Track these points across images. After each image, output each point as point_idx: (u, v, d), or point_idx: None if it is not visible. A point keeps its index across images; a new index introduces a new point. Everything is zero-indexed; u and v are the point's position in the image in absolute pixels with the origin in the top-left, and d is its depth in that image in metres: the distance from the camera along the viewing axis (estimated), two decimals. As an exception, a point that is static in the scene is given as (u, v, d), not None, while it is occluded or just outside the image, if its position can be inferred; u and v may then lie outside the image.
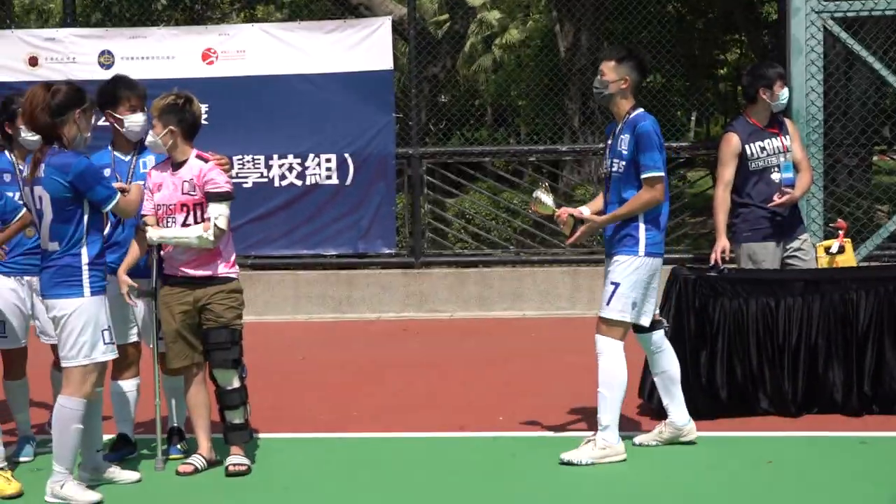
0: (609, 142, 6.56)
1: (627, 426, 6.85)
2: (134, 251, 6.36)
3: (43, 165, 5.81)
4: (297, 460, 6.69)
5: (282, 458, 6.69)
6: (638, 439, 6.66)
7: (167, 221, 6.33)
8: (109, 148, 6.66)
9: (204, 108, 11.68)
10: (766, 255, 7.55)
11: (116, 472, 6.20)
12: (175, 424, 6.79)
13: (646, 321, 6.46)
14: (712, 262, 7.43)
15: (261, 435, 6.97)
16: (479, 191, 12.94)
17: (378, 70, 11.92)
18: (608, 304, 6.38)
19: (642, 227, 6.37)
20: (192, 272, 6.34)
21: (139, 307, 6.51)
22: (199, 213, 6.31)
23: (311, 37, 12.04)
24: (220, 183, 6.34)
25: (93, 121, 6.09)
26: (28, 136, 6.30)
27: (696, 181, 14.27)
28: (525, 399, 7.92)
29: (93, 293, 5.83)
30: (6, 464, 6.16)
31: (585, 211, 6.63)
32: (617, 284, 6.36)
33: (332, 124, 11.94)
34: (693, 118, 26.38)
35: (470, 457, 6.66)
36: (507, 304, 11.90)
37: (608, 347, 6.38)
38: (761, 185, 7.59)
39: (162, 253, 6.38)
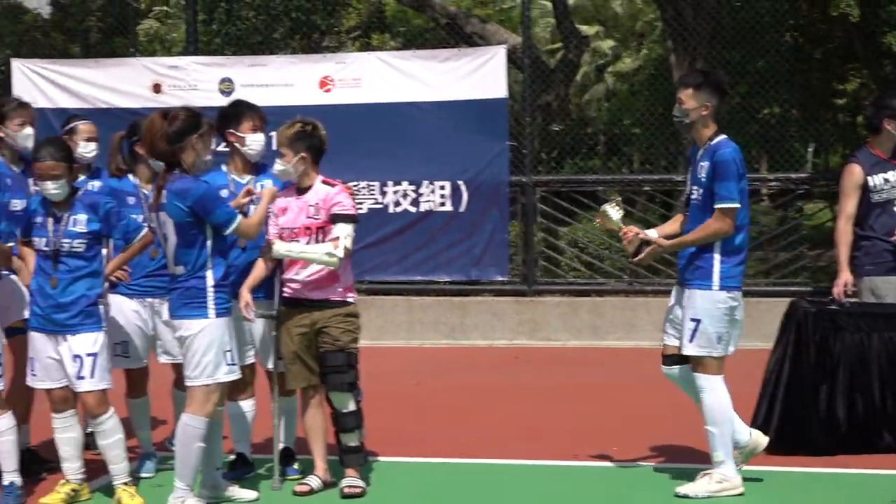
0: (690, 167, 6.47)
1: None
2: (259, 270, 6.46)
3: (165, 191, 5.98)
4: (411, 484, 6.74)
5: (396, 481, 6.75)
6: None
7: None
8: (223, 168, 6.79)
9: (321, 134, 12.01)
10: (889, 289, 7.37)
11: (235, 491, 6.32)
12: (286, 445, 6.86)
13: (732, 349, 6.34)
14: (834, 295, 7.29)
15: (375, 458, 7.04)
16: (592, 219, 12.90)
17: (492, 98, 11.99)
18: (691, 340, 6.26)
19: (717, 258, 6.24)
20: (310, 295, 6.44)
21: (258, 327, 6.63)
22: (321, 237, 6.41)
23: (427, 65, 12.16)
24: (347, 206, 6.46)
25: (212, 144, 6.24)
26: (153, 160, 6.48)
27: (815, 213, 14.05)
28: (640, 429, 7.86)
29: (217, 315, 5.97)
30: (130, 479, 6.33)
31: (652, 233, 6.53)
32: (698, 321, 6.23)
33: (447, 151, 12.02)
34: (811, 149, 25.97)
35: (584, 486, 6.64)
36: (621, 333, 11.83)
37: (707, 384, 6.28)
38: (884, 217, 7.42)
39: (283, 276, 6.50)
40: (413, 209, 12.13)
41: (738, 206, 6.21)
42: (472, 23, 16.43)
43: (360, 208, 11.98)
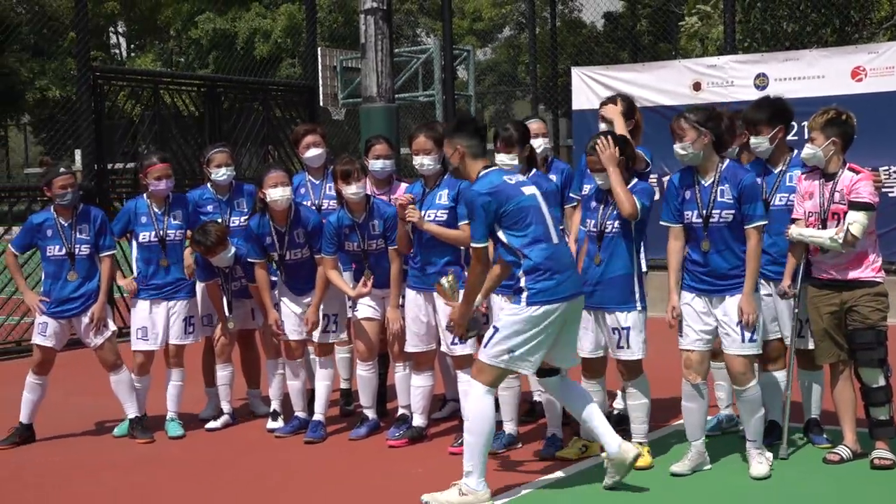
0: None
1: None
2: (791, 263, 6.54)
3: None
4: (941, 460, 6.47)
5: (926, 455, 6.52)
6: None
7: (817, 228, 6.40)
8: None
9: (853, 123, 11.70)
10: None
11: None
12: (814, 416, 6.85)
13: (527, 370, 5.85)
14: None
15: (905, 434, 6.82)
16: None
17: None
18: (485, 346, 5.86)
19: (523, 278, 5.86)
20: (839, 275, 6.40)
21: (781, 304, 6.65)
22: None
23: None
24: (864, 194, 6.30)
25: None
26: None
27: None
28: None
29: None
30: (646, 440, 6.55)
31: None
32: (496, 329, 5.85)
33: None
34: None
35: None
36: None
37: (475, 391, 5.86)
38: None
39: (810, 256, 6.53)
40: (947, 192, 11.48)
41: (478, 245, 5.91)
42: None
43: (891, 192, 11.56)
